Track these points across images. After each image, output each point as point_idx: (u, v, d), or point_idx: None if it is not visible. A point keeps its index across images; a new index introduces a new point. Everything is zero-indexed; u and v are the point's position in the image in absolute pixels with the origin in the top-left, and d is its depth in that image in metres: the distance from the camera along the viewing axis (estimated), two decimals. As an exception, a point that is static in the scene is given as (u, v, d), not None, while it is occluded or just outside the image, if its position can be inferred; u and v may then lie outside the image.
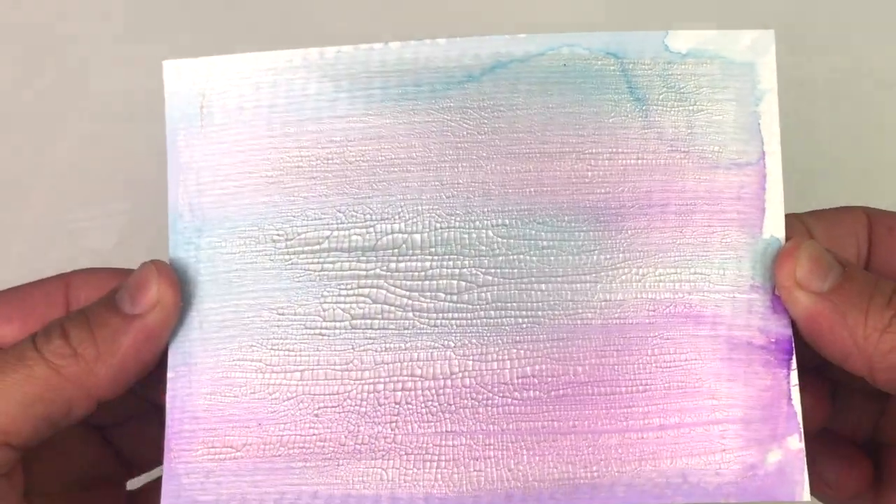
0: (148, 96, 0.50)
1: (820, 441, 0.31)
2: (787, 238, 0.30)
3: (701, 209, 0.30)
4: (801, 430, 0.29)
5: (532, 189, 0.30)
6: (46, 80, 0.51)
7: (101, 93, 0.50)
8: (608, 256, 0.30)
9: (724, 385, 0.29)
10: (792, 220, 0.30)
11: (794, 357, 0.29)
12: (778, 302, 0.29)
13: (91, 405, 0.29)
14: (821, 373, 0.32)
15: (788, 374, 0.29)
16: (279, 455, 0.29)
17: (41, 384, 0.27)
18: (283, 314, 0.30)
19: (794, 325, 0.29)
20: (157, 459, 0.35)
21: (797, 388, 0.29)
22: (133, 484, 0.36)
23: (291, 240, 0.30)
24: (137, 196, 0.40)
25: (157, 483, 0.34)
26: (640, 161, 0.30)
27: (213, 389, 0.30)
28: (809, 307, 0.28)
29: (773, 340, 0.29)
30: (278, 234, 0.30)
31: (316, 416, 0.29)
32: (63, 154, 0.50)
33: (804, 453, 0.29)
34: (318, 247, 0.30)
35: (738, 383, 0.29)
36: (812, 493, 0.32)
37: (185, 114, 0.31)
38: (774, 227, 0.30)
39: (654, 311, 0.29)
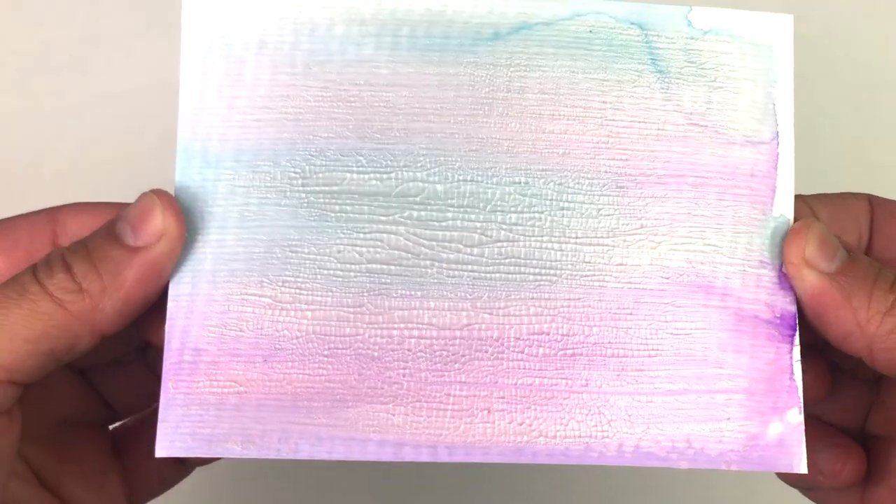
0: (148, 96, 0.50)
1: (815, 430, 0.32)
2: (796, 219, 0.30)
3: (715, 183, 0.30)
4: (801, 405, 0.29)
5: (555, 150, 0.30)
6: (47, 79, 0.50)
7: (101, 93, 0.50)
8: (626, 222, 0.30)
9: (730, 355, 0.30)
10: (797, 201, 0.31)
11: (797, 333, 0.30)
12: (785, 279, 0.30)
13: (96, 340, 0.28)
14: (820, 353, 0.33)
15: (791, 350, 0.30)
16: (285, 393, 0.29)
17: (47, 320, 0.26)
18: (295, 251, 0.29)
19: (797, 303, 0.30)
20: (139, 404, 0.33)
21: (799, 363, 0.30)
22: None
23: (308, 178, 0.29)
24: (137, 196, 0.40)
25: (140, 425, 0.33)
26: (659, 131, 0.30)
27: (217, 322, 0.29)
28: (816, 285, 0.29)
29: (778, 315, 0.30)
30: (295, 172, 0.29)
31: (325, 356, 0.29)
32: (63, 154, 0.50)
33: (803, 427, 0.29)
34: (336, 188, 0.29)
35: (743, 355, 0.30)
36: (807, 484, 0.32)
37: (203, 43, 0.30)
38: (784, 207, 0.30)
39: (667, 278, 0.30)
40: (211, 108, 0.29)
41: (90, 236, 0.28)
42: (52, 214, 0.30)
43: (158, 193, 0.28)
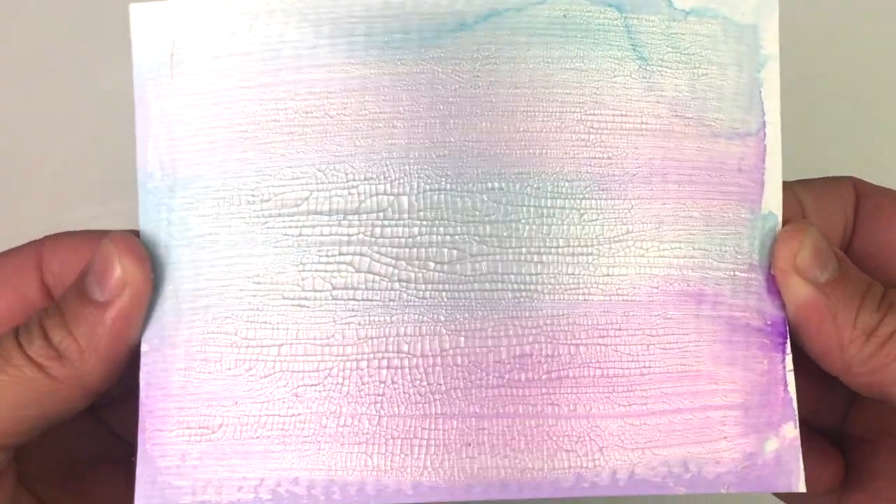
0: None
1: None
2: (784, 214, 0.28)
3: (702, 180, 0.28)
4: (797, 417, 0.28)
5: (531, 151, 0.28)
6: (46, 79, 0.50)
7: (101, 93, 0.49)
8: (610, 227, 0.28)
9: (724, 369, 0.28)
10: (783, 190, 0.29)
11: (788, 341, 0.28)
12: (773, 282, 0.28)
13: (89, 397, 0.27)
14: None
15: (784, 359, 0.28)
16: (257, 437, 0.27)
17: (34, 386, 0.26)
18: (259, 283, 0.27)
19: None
20: None
21: (792, 373, 0.28)
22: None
23: (268, 201, 0.28)
24: (137, 196, 0.40)
25: None
26: (643, 125, 0.28)
27: (187, 365, 0.27)
28: (805, 296, 0.27)
29: (768, 323, 0.28)
30: (253, 195, 0.28)
31: (296, 395, 0.27)
32: (63, 153, 0.50)
33: (799, 441, 0.28)
34: (296, 209, 0.27)
35: (737, 367, 0.28)
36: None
37: (154, 62, 0.28)
38: (773, 203, 0.28)
39: (655, 287, 0.28)
40: (168, 132, 0.28)
41: (65, 295, 0.27)
42: (36, 249, 0.29)
43: (116, 239, 0.27)
